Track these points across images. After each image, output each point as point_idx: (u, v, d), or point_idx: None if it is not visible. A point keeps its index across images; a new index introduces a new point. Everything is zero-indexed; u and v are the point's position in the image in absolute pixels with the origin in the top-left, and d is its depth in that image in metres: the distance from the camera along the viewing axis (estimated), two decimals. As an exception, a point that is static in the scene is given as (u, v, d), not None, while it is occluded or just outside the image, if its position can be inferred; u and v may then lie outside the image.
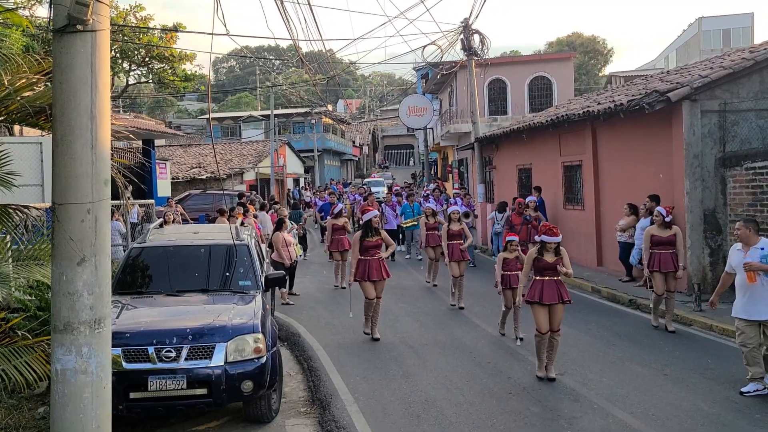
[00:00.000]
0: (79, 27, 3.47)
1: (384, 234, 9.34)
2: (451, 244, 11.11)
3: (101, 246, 3.66)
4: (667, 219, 9.23)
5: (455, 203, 17.13)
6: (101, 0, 3.58)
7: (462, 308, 10.85)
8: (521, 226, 12.91)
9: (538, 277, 7.24)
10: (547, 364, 7.26)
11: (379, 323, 9.28)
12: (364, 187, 32.06)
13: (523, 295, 7.42)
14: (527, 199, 14.21)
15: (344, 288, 12.77)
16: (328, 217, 14.59)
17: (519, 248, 8.84)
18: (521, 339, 8.72)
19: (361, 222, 10.11)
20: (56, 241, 3.59)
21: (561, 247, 7.28)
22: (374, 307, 9.12)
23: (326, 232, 14.28)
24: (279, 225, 12.21)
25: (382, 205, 17.47)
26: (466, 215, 13.41)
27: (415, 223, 16.27)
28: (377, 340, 9.01)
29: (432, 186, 27.25)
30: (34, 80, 4.86)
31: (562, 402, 6.52)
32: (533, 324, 7.38)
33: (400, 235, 17.93)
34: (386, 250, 9.46)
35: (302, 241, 16.92)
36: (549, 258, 7.19)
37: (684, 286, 10.63)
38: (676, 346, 8.36)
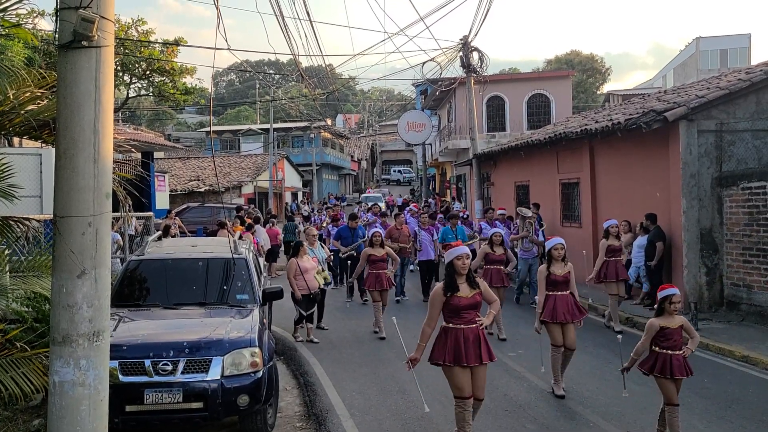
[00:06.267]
0: (85, 43, 3.51)
1: (484, 285, 5.73)
2: (555, 296, 7.29)
3: (101, 259, 3.68)
4: None
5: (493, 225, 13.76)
6: (106, 17, 3.63)
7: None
8: None
9: None
10: None
11: (374, 339, 9.10)
12: (366, 203, 30.57)
13: None
14: (606, 224, 10.70)
15: (383, 338, 10.00)
16: (365, 247, 11.50)
17: None
18: None
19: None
20: (57, 253, 3.61)
21: None
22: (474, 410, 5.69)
23: (359, 264, 11.36)
24: (296, 250, 10.11)
25: (416, 227, 14.28)
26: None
27: None
28: None
29: (457, 206, 23.68)
30: (38, 94, 4.90)
31: (558, 420, 6.51)
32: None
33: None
34: (487, 313, 5.77)
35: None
36: None
37: (681, 305, 10.65)
38: (672, 365, 8.35)
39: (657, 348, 5.73)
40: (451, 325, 5.51)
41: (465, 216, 16.91)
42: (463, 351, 5.39)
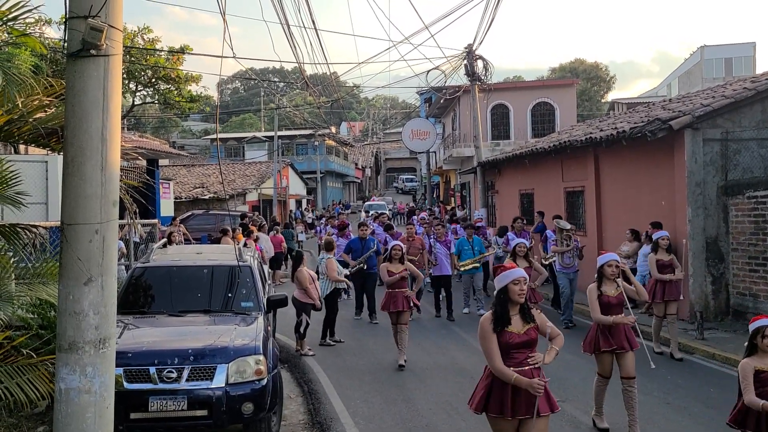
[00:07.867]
0: (93, 52, 3.55)
1: (540, 318, 4.60)
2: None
3: (108, 266, 3.69)
4: None
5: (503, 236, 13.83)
6: (115, 26, 3.66)
7: None
8: None
9: None
10: None
11: (380, 347, 8.99)
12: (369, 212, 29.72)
13: None
14: (655, 236, 9.51)
15: (403, 365, 8.92)
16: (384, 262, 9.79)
17: None
18: None
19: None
20: (64, 260, 3.63)
21: None
22: None
23: (385, 277, 9.44)
24: (299, 260, 10.05)
25: (431, 240, 13.21)
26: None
27: (477, 265, 12.46)
28: None
29: (478, 213, 21.72)
30: (46, 102, 4.94)
31: (562, 429, 6.48)
32: None
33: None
34: (548, 350, 4.57)
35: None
36: None
37: (686, 314, 10.62)
38: (678, 375, 8.32)
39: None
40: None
41: (478, 226, 15.61)
42: (509, 400, 4.34)
